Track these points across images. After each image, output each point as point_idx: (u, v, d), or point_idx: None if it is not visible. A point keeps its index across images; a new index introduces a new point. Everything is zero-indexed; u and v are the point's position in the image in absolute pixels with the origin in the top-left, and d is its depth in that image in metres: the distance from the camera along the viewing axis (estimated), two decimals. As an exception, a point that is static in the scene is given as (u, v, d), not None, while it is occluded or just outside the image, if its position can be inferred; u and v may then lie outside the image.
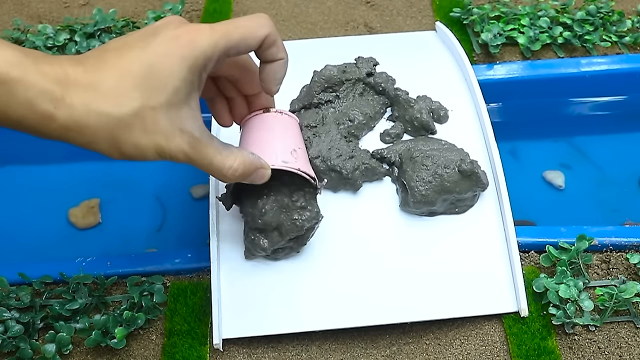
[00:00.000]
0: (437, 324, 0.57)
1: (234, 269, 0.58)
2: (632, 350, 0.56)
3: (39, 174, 0.81)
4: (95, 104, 0.36)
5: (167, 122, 0.38)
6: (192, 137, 0.40)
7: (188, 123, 0.40)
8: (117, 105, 0.37)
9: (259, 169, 0.46)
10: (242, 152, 0.44)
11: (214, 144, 0.42)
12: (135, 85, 0.37)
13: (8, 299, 0.58)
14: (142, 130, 0.38)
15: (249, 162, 0.45)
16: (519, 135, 0.82)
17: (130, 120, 0.37)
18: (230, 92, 0.50)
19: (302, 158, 0.51)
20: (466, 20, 0.83)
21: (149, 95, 0.37)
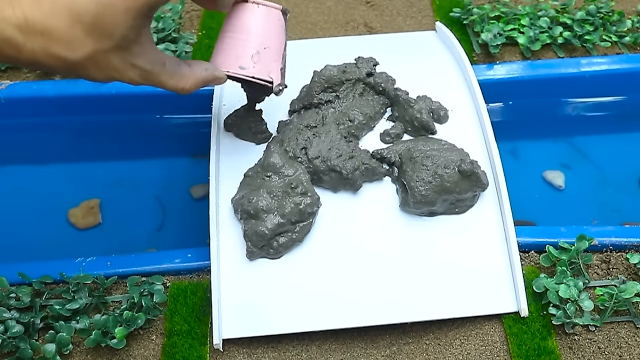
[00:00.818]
0: (437, 324, 0.57)
1: (234, 269, 0.58)
2: (632, 350, 0.56)
3: (39, 174, 0.81)
4: (52, 49, 0.40)
5: (118, 61, 0.42)
6: (142, 71, 0.44)
7: (138, 59, 0.43)
8: (70, 50, 0.40)
9: (213, 81, 0.51)
10: (193, 73, 0.48)
11: (166, 70, 0.46)
12: (85, 32, 0.40)
13: (8, 299, 0.58)
14: (96, 68, 0.42)
15: (200, 79, 0.49)
16: (519, 135, 0.82)
17: (84, 63, 0.41)
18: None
19: (266, 59, 0.52)
20: (466, 20, 0.83)
21: (99, 41, 0.40)
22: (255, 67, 0.52)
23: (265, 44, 0.52)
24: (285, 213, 0.56)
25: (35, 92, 0.78)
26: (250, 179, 0.59)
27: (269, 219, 0.56)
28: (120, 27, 0.40)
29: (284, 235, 0.57)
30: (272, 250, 0.57)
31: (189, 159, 0.81)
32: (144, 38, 0.43)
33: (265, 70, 0.52)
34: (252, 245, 0.57)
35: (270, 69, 0.53)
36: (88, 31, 0.40)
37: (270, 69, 0.53)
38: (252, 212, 0.56)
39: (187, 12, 0.89)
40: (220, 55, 0.52)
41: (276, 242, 0.57)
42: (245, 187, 0.59)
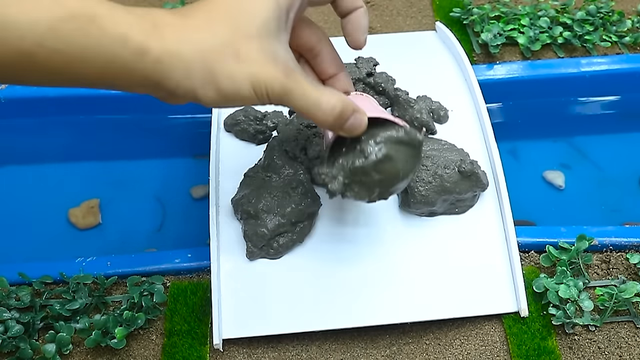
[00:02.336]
0: (437, 324, 0.57)
1: (234, 269, 0.58)
2: (632, 350, 0.56)
3: (39, 174, 0.81)
4: (188, 34, 0.36)
5: (260, 51, 0.38)
6: (286, 67, 0.39)
7: (281, 53, 0.39)
8: (209, 33, 0.37)
9: (356, 113, 0.42)
10: (339, 92, 0.42)
11: (309, 79, 0.40)
12: (225, 18, 0.37)
13: (8, 299, 0.58)
14: (236, 59, 0.37)
15: (347, 101, 0.42)
16: (519, 135, 0.82)
17: (223, 49, 0.37)
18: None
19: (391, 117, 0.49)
20: (466, 20, 0.83)
21: (239, 25, 0.37)
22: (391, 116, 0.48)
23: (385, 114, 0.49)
24: (285, 213, 0.56)
25: (35, 92, 0.78)
26: (250, 179, 0.59)
27: (269, 219, 0.56)
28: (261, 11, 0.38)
29: (284, 236, 0.57)
30: (272, 250, 0.57)
31: (189, 159, 0.81)
32: (284, 38, 0.40)
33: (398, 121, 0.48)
34: (252, 245, 0.57)
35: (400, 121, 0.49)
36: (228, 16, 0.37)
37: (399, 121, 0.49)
38: (252, 212, 0.56)
39: (187, 12, 0.89)
40: None
41: (276, 243, 0.57)
42: (245, 187, 0.59)
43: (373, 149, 0.46)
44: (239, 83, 0.38)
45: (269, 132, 0.64)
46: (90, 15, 0.34)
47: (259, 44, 0.38)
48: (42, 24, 0.33)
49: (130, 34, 0.34)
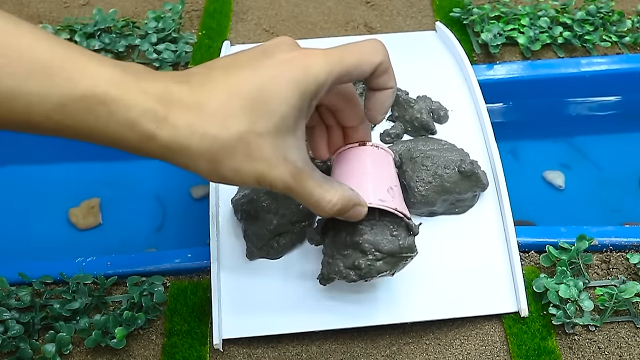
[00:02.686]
0: (437, 324, 0.57)
1: (234, 269, 0.58)
2: (632, 350, 0.56)
3: (39, 174, 0.81)
4: (200, 124, 0.34)
5: (271, 150, 0.36)
6: (295, 168, 0.38)
7: (293, 152, 0.38)
8: (222, 127, 0.35)
9: (356, 206, 0.44)
10: (342, 187, 0.43)
11: (315, 176, 0.40)
12: (242, 108, 0.35)
13: (8, 299, 0.58)
14: (246, 155, 0.36)
15: (348, 197, 0.42)
16: (519, 135, 0.82)
17: (234, 144, 0.35)
18: (328, 121, 0.48)
19: (398, 197, 0.49)
20: (466, 20, 0.83)
21: (256, 120, 0.35)
22: (393, 201, 0.47)
23: (394, 182, 0.49)
24: (285, 213, 0.56)
25: (35, 92, 0.78)
26: (250, 179, 0.59)
27: (269, 219, 0.56)
28: (281, 105, 0.36)
29: (284, 236, 0.57)
30: (272, 250, 0.57)
31: (189, 159, 0.81)
32: (301, 133, 0.38)
33: (401, 205, 0.48)
34: (252, 245, 0.57)
35: (403, 206, 0.48)
36: (245, 108, 0.35)
37: (403, 206, 0.48)
38: (252, 212, 0.56)
39: (187, 12, 0.90)
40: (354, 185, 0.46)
41: (276, 243, 0.57)
42: (245, 187, 0.59)
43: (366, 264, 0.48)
44: (244, 177, 0.37)
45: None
46: (101, 98, 0.33)
47: (272, 141, 0.36)
48: (52, 100, 0.32)
49: (140, 121, 0.34)
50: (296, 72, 0.36)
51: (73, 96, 0.32)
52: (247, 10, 0.90)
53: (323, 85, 0.37)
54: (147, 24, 0.84)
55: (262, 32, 0.86)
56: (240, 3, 0.91)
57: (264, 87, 0.36)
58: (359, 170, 0.48)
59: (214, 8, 0.89)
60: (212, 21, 0.88)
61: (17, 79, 0.32)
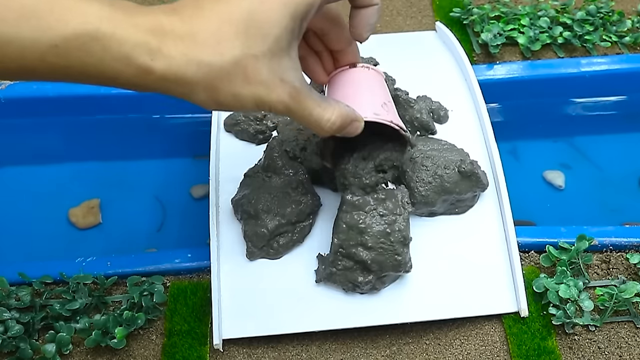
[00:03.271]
0: (437, 324, 0.57)
1: (234, 269, 0.58)
2: (632, 350, 0.56)
3: (39, 174, 0.81)
4: (195, 53, 0.35)
5: (268, 72, 0.37)
6: (292, 88, 0.38)
7: (289, 73, 0.38)
8: (217, 53, 0.35)
9: (353, 121, 0.44)
10: (339, 104, 0.43)
11: (313, 95, 0.41)
12: (236, 33, 0.35)
13: (8, 299, 0.58)
14: (243, 79, 0.36)
15: (345, 114, 0.43)
16: (519, 135, 0.82)
17: (231, 69, 0.36)
18: (317, 46, 0.49)
19: (392, 111, 0.50)
20: (466, 20, 0.83)
21: (250, 44, 0.36)
22: (388, 115, 0.48)
23: (387, 99, 0.50)
24: (285, 213, 0.56)
25: (35, 92, 0.78)
26: (250, 179, 0.59)
27: (269, 220, 0.56)
28: (274, 27, 0.36)
29: (284, 236, 0.57)
30: (272, 250, 0.57)
31: (189, 159, 0.81)
32: (294, 52, 0.39)
33: (396, 119, 0.49)
34: (252, 245, 0.57)
35: (398, 120, 0.50)
36: (239, 32, 0.35)
37: (398, 120, 0.50)
38: (252, 212, 0.56)
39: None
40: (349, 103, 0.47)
41: (276, 243, 0.57)
42: (245, 187, 0.58)
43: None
44: (243, 101, 0.37)
45: (269, 132, 0.64)
46: (94, 35, 0.33)
47: (268, 64, 0.37)
48: (45, 41, 0.33)
49: (134, 54, 0.34)
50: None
51: (65, 36, 0.33)
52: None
53: (312, 5, 0.38)
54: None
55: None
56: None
57: (255, 11, 0.36)
58: (352, 90, 0.49)
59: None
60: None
61: (8, 24, 0.32)
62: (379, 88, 0.51)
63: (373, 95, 0.49)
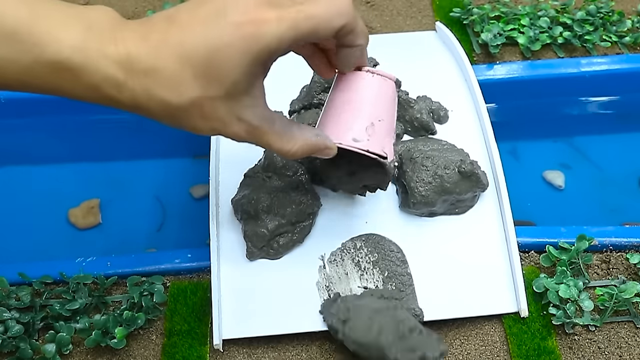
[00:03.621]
0: (437, 324, 0.57)
1: (234, 269, 0.58)
2: (632, 350, 0.56)
3: (39, 174, 0.81)
4: (155, 91, 0.37)
5: (224, 111, 0.39)
6: (249, 126, 0.40)
7: (247, 112, 0.40)
8: (176, 94, 0.37)
9: (323, 150, 0.46)
10: (304, 135, 0.44)
11: (275, 128, 0.42)
12: (194, 75, 0.37)
13: (8, 299, 0.58)
14: (200, 116, 0.38)
15: (310, 144, 0.44)
16: (519, 135, 0.82)
17: (188, 108, 0.38)
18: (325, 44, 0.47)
19: (380, 132, 0.47)
20: (466, 20, 0.83)
21: (207, 86, 0.37)
22: (369, 141, 0.46)
23: (380, 116, 0.47)
24: (285, 213, 0.56)
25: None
26: (250, 179, 0.59)
27: (269, 220, 0.56)
28: (232, 72, 0.37)
29: (284, 236, 0.57)
30: (272, 250, 0.57)
31: (189, 159, 0.81)
32: (257, 91, 0.40)
33: (380, 144, 0.47)
34: (252, 245, 0.57)
35: (384, 143, 0.48)
36: (197, 74, 0.37)
37: (384, 143, 0.48)
38: (252, 212, 0.56)
39: (187, 12, 0.89)
40: (330, 125, 0.47)
41: (276, 243, 0.57)
42: (245, 188, 0.59)
43: None
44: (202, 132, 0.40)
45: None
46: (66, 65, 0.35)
47: (225, 105, 0.38)
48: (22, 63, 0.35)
49: (103, 86, 0.36)
50: (247, 40, 0.37)
51: (40, 62, 0.35)
52: (247, 10, 0.89)
53: (275, 52, 0.38)
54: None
55: (262, 32, 0.86)
56: (240, 3, 0.90)
57: (216, 53, 0.37)
58: (343, 103, 0.47)
59: (214, 8, 0.89)
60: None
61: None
62: (376, 102, 0.48)
63: (361, 113, 0.47)
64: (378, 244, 0.58)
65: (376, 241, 0.58)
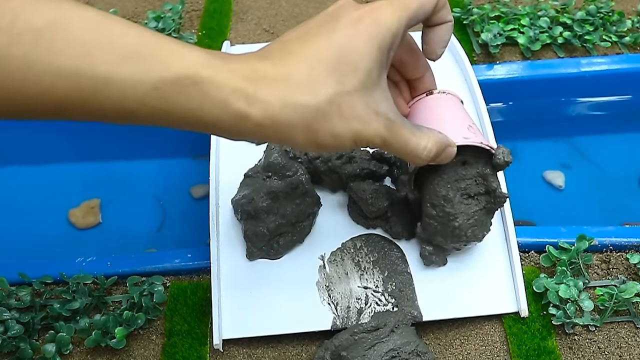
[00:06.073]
0: (437, 324, 0.57)
1: (234, 269, 0.58)
2: (632, 350, 0.56)
3: (39, 174, 0.81)
4: (290, 96, 0.35)
5: (363, 107, 0.37)
6: (387, 120, 0.39)
7: (382, 105, 0.38)
8: (312, 94, 0.35)
9: (447, 147, 0.44)
10: (432, 132, 0.43)
11: (407, 124, 0.41)
12: (327, 72, 0.36)
13: (8, 299, 0.58)
14: (339, 117, 0.37)
15: (439, 141, 0.43)
16: (519, 135, 0.82)
17: (326, 108, 0.36)
18: (394, 77, 0.49)
19: (478, 132, 0.50)
20: (466, 20, 0.83)
21: (342, 80, 0.36)
22: (476, 136, 0.48)
23: (470, 122, 0.50)
24: (285, 214, 0.56)
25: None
26: (251, 179, 0.59)
27: (269, 220, 0.56)
28: (363, 61, 0.36)
29: (284, 236, 0.57)
30: (272, 250, 0.57)
31: (189, 159, 0.81)
32: (384, 83, 0.39)
33: (484, 140, 0.49)
34: (252, 245, 0.57)
35: (485, 140, 0.49)
36: (330, 69, 0.36)
37: (485, 140, 0.49)
38: (252, 212, 0.56)
39: (187, 12, 0.90)
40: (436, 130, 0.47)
41: (276, 243, 0.57)
42: (245, 188, 0.58)
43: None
44: (341, 139, 0.38)
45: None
46: (194, 79, 0.33)
47: (362, 98, 0.37)
48: (146, 84, 0.33)
49: (232, 99, 0.34)
50: (369, 27, 0.37)
51: (166, 79, 0.33)
52: (247, 10, 0.90)
53: (397, 34, 0.38)
54: (147, 24, 0.84)
55: (262, 32, 0.86)
56: (240, 3, 0.91)
57: (344, 47, 0.36)
58: (435, 116, 0.48)
59: (214, 8, 0.89)
60: (212, 21, 0.88)
61: (111, 65, 0.32)
62: (460, 111, 0.50)
63: (456, 119, 0.49)
64: (378, 243, 0.58)
65: (376, 241, 0.58)
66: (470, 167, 0.52)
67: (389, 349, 0.52)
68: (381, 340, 0.53)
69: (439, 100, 0.49)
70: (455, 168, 0.51)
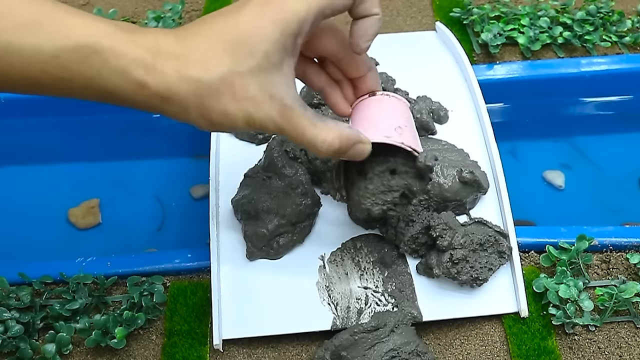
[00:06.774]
0: (437, 324, 0.57)
1: (234, 269, 0.58)
2: (632, 350, 0.56)
3: (39, 174, 0.81)
4: (185, 70, 0.36)
5: (256, 88, 0.37)
6: (282, 105, 0.38)
7: (279, 89, 0.38)
8: (206, 70, 0.36)
9: (357, 144, 0.43)
10: (338, 126, 0.42)
11: (307, 114, 0.40)
12: (224, 51, 0.36)
13: (8, 299, 0.58)
14: (231, 96, 0.37)
15: (345, 136, 0.41)
16: (519, 135, 0.82)
17: (218, 86, 0.36)
18: (336, 75, 0.48)
19: (408, 134, 0.47)
20: (466, 20, 0.83)
21: (238, 60, 0.36)
22: (400, 137, 0.46)
23: (403, 125, 0.47)
24: (285, 214, 0.56)
25: (35, 92, 0.78)
26: (251, 179, 0.59)
27: (269, 220, 0.56)
28: (263, 43, 0.37)
29: (283, 236, 0.57)
30: (272, 250, 0.57)
31: (189, 159, 0.81)
32: (287, 69, 0.39)
33: (409, 142, 0.47)
34: (252, 245, 0.57)
35: (414, 143, 0.47)
36: (226, 49, 0.36)
37: (414, 143, 0.47)
38: (252, 212, 0.56)
39: (187, 12, 0.90)
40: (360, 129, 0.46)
41: (276, 243, 0.57)
42: (245, 188, 0.59)
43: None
44: (232, 119, 0.38)
45: (269, 132, 0.64)
46: (94, 47, 0.35)
47: (256, 80, 0.37)
48: (46, 52, 0.34)
49: (131, 68, 0.35)
50: (274, 11, 0.37)
51: (66, 47, 0.34)
52: (247, 10, 0.89)
53: (304, 20, 0.38)
54: (147, 24, 0.84)
55: (262, 32, 0.86)
56: (240, 3, 0.90)
57: (245, 29, 0.37)
58: (365, 115, 0.47)
59: (214, 8, 0.89)
60: (212, 21, 0.88)
61: (10, 32, 0.34)
62: (397, 113, 0.48)
63: (387, 119, 0.47)
64: (378, 243, 0.58)
65: (376, 241, 0.58)
66: (400, 177, 0.50)
67: (389, 349, 0.52)
68: (381, 340, 0.53)
69: (379, 102, 0.48)
70: (382, 178, 0.50)
